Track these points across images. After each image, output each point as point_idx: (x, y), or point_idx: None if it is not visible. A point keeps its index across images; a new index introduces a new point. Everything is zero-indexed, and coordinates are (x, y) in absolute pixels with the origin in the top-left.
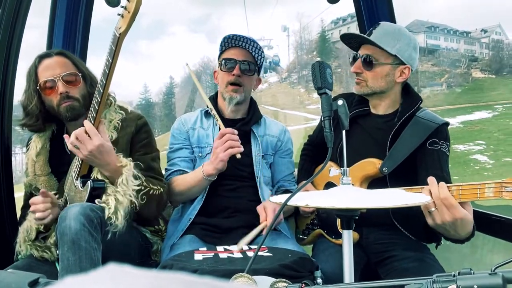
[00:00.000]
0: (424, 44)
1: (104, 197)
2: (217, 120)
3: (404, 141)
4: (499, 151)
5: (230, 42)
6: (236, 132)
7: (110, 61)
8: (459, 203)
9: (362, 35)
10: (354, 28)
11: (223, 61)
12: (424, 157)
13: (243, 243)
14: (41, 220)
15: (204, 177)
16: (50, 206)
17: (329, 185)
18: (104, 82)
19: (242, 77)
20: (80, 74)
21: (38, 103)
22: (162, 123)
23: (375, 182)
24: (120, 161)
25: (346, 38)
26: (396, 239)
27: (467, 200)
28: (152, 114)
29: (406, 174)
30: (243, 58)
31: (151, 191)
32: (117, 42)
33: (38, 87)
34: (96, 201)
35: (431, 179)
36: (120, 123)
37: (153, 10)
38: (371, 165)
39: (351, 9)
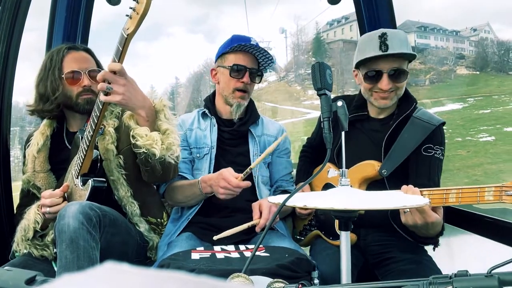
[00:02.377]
0: (414, 44)
1: (141, 139)
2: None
3: (402, 143)
4: (455, 133)
5: (241, 46)
6: (247, 185)
7: (117, 61)
8: (432, 208)
9: (407, 52)
10: (347, 29)
11: (234, 66)
12: (416, 163)
13: (224, 235)
14: (49, 215)
15: (202, 194)
16: (59, 202)
17: (327, 186)
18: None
19: (250, 84)
20: None
21: (62, 91)
22: None
23: (373, 184)
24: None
25: (382, 58)
26: (394, 241)
27: (467, 203)
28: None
29: (405, 176)
30: (252, 66)
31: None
32: (125, 42)
33: (63, 76)
34: (137, 143)
35: (404, 187)
36: (120, 112)
37: (150, 11)
38: (370, 167)
39: (345, 12)
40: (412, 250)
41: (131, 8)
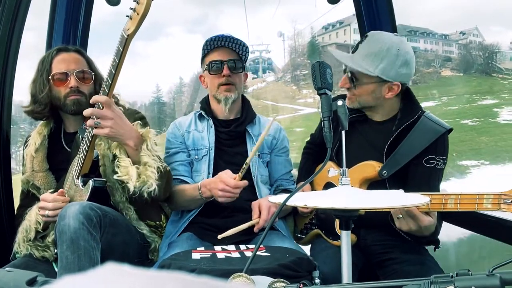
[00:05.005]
0: None
1: (120, 172)
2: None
3: (408, 145)
4: None
5: (213, 43)
6: (245, 184)
7: (117, 61)
8: (426, 212)
9: (342, 59)
10: (342, 33)
11: (210, 64)
12: (416, 173)
13: (228, 234)
14: (48, 218)
15: (202, 198)
16: (61, 206)
17: (328, 185)
18: (110, 82)
19: (232, 76)
20: (92, 73)
21: (48, 92)
22: (173, 119)
23: (374, 185)
24: (137, 129)
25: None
26: (395, 241)
27: (466, 210)
28: (163, 111)
29: (406, 178)
30: (229, 57)
31: (163, 165)
32: (125, 43)
33: (50, 77)
34: (114, 176)
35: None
36: None
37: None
38: (370, 168)
39: (340, 16)
40: (414, 250)
41: (131, 8)
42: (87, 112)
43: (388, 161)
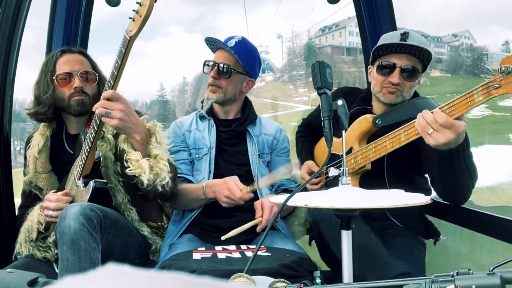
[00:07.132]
0: None
1: (132, 166)
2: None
3: (405, 107)
4: None
5: (217, 44)
6: (250, 197)
7: (119, 63)
8: (454, 119)
9: (423, 47)
10: (337, 35)
11: (204, 62)
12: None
13: (231, 234)
14: (50, 218)
15: (206, 198)
16: (64, 207)
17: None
18: (112, 83)
19: (219, 79)
20: (96, 74)
21: (52, 93)
22: (174, 117)
23: (373, 181)
24: (144, 123)
25: (393, 46)
26: (389, 234)
27: (461, 112)
28: (167, 109)
29: (405, 176)
30: (221, 61)
31: (172, 157)
32: (127, 44)
33: (54, 78)
34: (126, 171)
35: (425, 111)
36: None
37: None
38: (364, 120)
39: (336, 19)
40: (407, 235)
41: (134, 10)
42: (97, 104)
43: (382, 113)
